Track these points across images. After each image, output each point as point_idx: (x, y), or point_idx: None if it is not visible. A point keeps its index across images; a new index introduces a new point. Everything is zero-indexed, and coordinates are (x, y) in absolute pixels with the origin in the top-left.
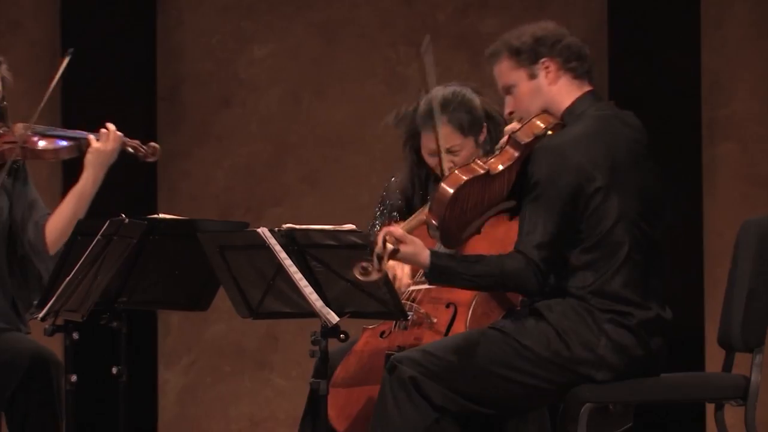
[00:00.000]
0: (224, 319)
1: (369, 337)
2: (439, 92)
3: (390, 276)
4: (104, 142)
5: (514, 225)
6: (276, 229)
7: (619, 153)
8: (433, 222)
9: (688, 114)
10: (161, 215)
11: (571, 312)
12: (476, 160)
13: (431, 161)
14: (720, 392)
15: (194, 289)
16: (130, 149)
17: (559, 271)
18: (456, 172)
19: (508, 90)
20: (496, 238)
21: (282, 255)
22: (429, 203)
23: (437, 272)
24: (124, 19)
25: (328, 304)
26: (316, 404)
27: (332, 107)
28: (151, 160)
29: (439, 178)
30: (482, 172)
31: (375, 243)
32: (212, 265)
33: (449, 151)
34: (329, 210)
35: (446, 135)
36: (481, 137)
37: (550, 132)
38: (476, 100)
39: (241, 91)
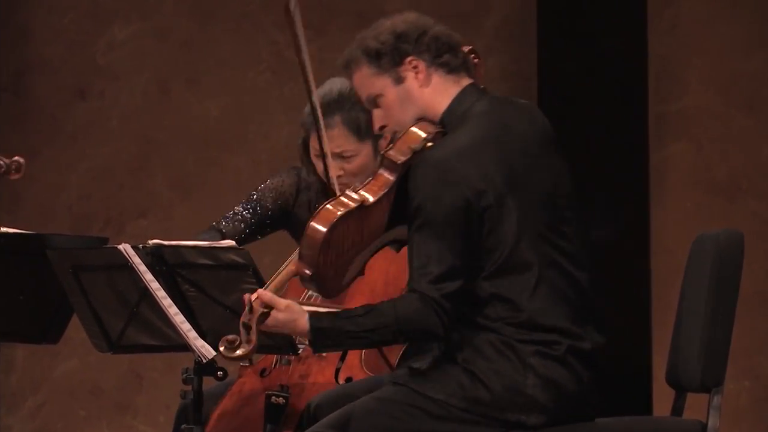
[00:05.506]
0: (78, 354)
1: (247, 377)
2: (335, 85)
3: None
4: None
5: (402, 258)
6: (141, 245)
7: (515, 156)
8: (307, 272)
9: (632, 109)
10: (2, 229)
11: (488, 347)
12: (347, 191)
13: (319, 166)
14: None
15: (42, 317)
16: None
17: (464, 304)
18: (326, 208)
19: (374, 102)
20: (382, 278)
21: (148, 277)
22: (298, 249)
23: (321, 337)
24: None
25: (203, 335)
26: None
27: (208, 99)
28: (14, 177)
29: (324, 188)
30: (355, 205)
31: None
32: (64, 288)
33: (341, 157)
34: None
35: (339, 137)
36: (383, 142)
37: (429, 144)
38: None
39: (99, 80)
